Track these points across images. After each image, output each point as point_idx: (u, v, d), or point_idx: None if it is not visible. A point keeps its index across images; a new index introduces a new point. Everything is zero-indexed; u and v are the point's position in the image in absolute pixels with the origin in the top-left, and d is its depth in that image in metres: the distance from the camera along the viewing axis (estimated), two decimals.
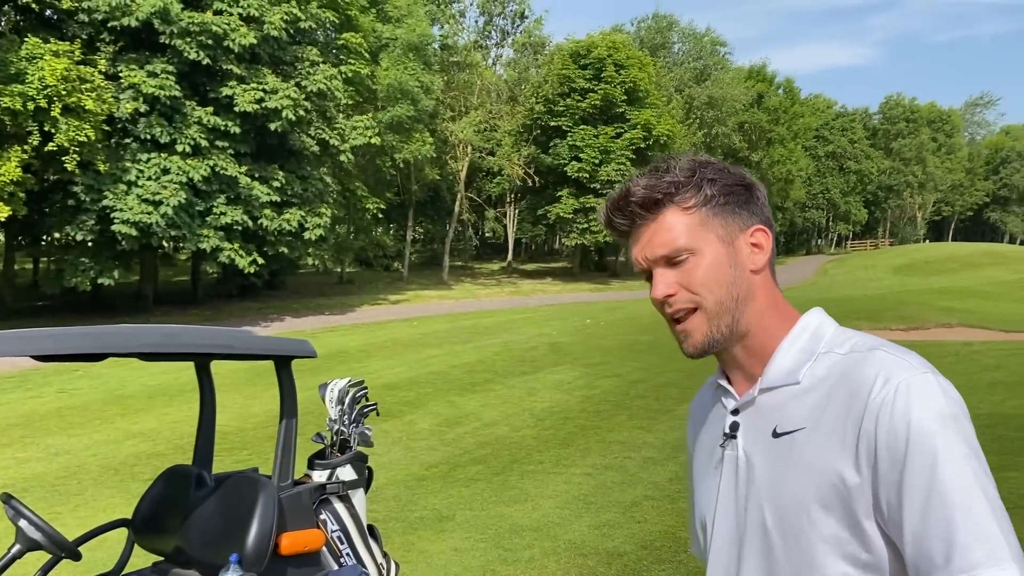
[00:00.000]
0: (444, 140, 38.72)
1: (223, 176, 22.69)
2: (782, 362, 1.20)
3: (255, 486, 3.34)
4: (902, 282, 40.10)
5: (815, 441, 1.11)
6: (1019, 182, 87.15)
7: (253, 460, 8.35)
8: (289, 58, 25.18)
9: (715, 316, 1.19)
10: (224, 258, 23.38)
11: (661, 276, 1.20)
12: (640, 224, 1.22)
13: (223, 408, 11.46)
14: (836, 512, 1.09)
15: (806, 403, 1.15)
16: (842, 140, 72.32)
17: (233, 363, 14.68)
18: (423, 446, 9.24)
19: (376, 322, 23.94)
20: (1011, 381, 10.87)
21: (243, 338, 3.31)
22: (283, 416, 3.49)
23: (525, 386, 12.92)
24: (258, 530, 3.19)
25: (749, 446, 1.21)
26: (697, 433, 1.39)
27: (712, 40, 56.11)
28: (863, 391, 1.07)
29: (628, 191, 1.22)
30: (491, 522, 6.46)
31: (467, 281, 40.51)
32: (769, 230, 1.25)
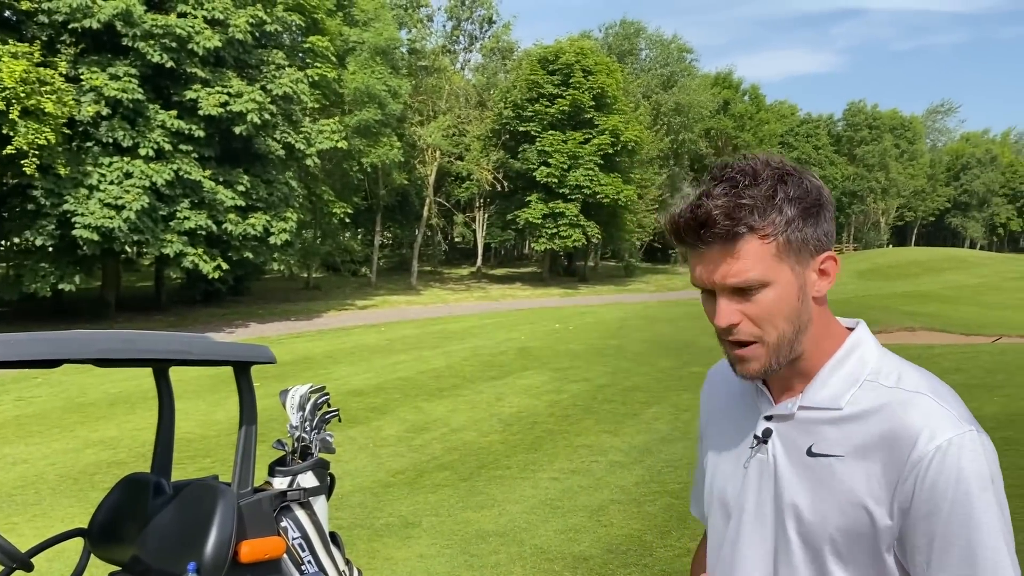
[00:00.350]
0: (412, 144, 38.60)
1: (187, 180, 22.42)
2: (826, 385, 1.20)
3: (214, 494, 3.28)
4: (866, 286, 40.67)
5: (851, 473, 1.14)
6: (979, 188, 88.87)
7: (216, 468, 8.23)
8: (255, 61, 24.96)
9: (776, 348, 1.17)
10: (188, 263, 23.07)
11: (727, 305, 1.16)
12: (714, 248, 1.15)
13: (186, 415, 11.30)
14: (858, 541, 1.13)
15: (845, 431, 1.16)
16: (807, 146, 73.27)
17: (197, 369, 14.49)
18: (390, 452, 9.18)
19: (343, 328, 23.77)
20: (971, 384, 11.05)
21: (200, 344, 3.25)
22: (242, 423, 3.44)
23: (493, 391, 12.89)
24: (217, 538, 3.14)
25: (781, 456, 1.22)
26: (720, 408, 1.40)
27: (679, 47, 56.58)
28: (908, 442, 1.09)
29: (709, 217, 1.12)
30: (457, 528, 6.42)
31: (436, 286, 40.40)
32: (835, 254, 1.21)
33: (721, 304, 1.16)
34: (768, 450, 1.23)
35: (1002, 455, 4.36)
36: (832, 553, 1.15)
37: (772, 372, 1.20)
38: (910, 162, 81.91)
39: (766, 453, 1.24)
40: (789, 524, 1.19)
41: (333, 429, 4.43)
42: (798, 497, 1.18)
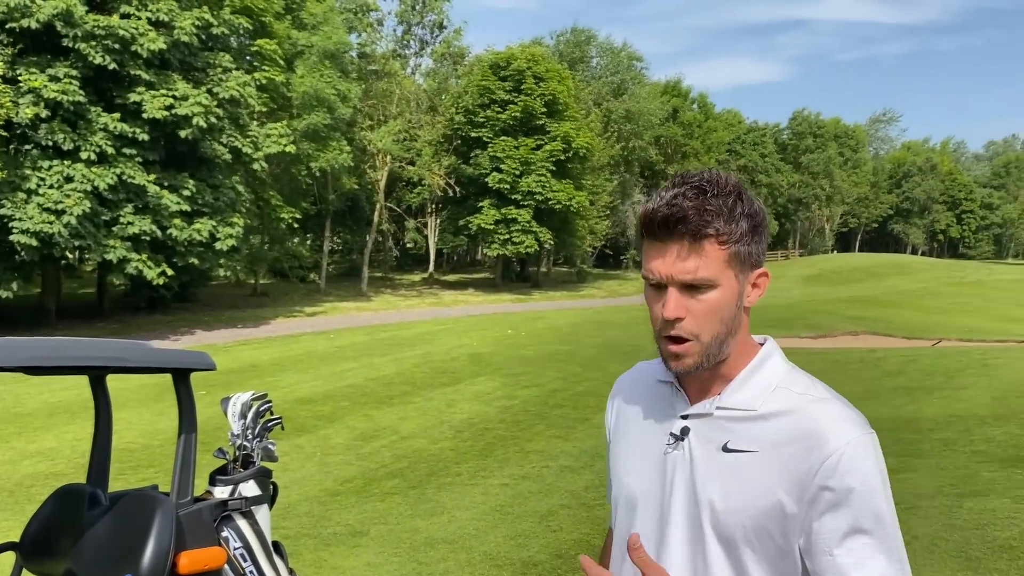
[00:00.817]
0: (362, 149, 38.33)
1: (130, 184, 21.94)
2: (743, 389, 1.31)
3: (151, 504, 3.19)
4: (811, 292, 41.49)
5: (764, 467, 1.23)
6: (920, 196, 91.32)
7: (159, 478, 8.04)
8: (201, 64, 24.55)
9: (708, 347, 1.27)
10: (132, 269, 22.57)
11: (675, 298, 1.25)
12: (677, 243, 1.24)
13: (129, 425, 11.03)
14: (769, 532, 1.23)
15: (760, 429, 1.26)
16: (753, 154, 74.51)
17: (141, 378, 14.15)
18: (338, 461, 9.06)
19: (291, 335, 23.47)
20: (911, 386, 11.31)
21: (137, 350, 3.16)
22: (181, 431, 3.35)
23: (444, 398, 12.83)
24: (154, 549, 3.05)
25: (698, 452, 1.31)
26: (631, 412, 1.47)
27: (629, 55, 57.12)
28: (818, 440, 1.20)
29: (684, 215, 1.22)
30: (406, 536, 6.36)
31: (387, 292, 40.14)
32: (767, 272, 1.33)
33: (671, 297, 1.25)
34: (684, 447, 1.31)
35: (939, 456, 4.49)
36: (745, 544, 1.23)
37: (702, 369, 1.29)
38: (854, 170, 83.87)
39: (682, 450, 1.31)
40: (704, 517, 1.27)
41: (279, 437, 4.35)
42: (713, 491, 1.27)
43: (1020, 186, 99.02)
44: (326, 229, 39.18)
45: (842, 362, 14.63)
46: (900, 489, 6.09)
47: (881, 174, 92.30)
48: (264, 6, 27.91)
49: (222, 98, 24.11)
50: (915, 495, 5.88)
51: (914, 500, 5.76)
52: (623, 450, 1.46)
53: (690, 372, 1.29)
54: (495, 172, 40.30)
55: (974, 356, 13.94)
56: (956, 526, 5.12)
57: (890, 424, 8.77)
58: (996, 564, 4.46)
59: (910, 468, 6.66)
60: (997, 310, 32.67)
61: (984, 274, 53.32)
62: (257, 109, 26.82)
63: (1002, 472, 6.22)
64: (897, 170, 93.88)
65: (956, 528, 5.08)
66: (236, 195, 25.61)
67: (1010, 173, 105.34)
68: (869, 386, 11.72)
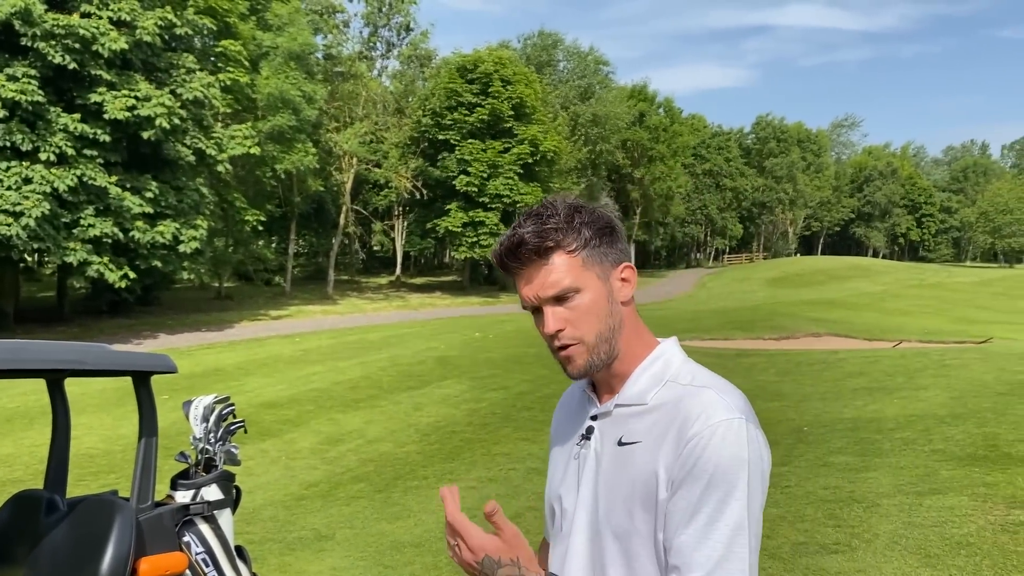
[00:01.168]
0: (328, 151, 38.07)
1: (91, 186, 21.58)
2: (636, 384, 1.37)
3: (111, 509, 3.14)
4: (775, 294, 41.98)
5: (645, 456, 1.29)
6: (881, 199, 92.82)
7: (120, 484, 7.91)
8: (164, 65, 24.23)
9: (595, 346, 1.35)
10: (93, 272, 22.20)
11: (551, 313, 1.35)
12: (531, 266, 1.35)
13: (89, 430, 10.85)
14: (648, 517, 1.27)
15: (647, 421, 1.32)
16: (718, 158, 75.25)
17: (102, 382, 13.93)
18: (303, 465, 8.99)
19: (256, 338, 23.24)
20: (872, 387, 11.47)
21: (96, 353, 3.11)
22: (142, 435, 3.30)
23: (411, 401, 12.78)
24: (113, 555, 3.00)
25: (601, 449, 1.38)
26: (561, 424, 1.55)
27: (596, 59, 57.41)
28: (687, 424, 1.25)
29: (521, 239, 1.33)
30: (372, 540, 6.32)
31: (353, 295, 39.89)
32: (632, 264, 1.41)
33: (547, 314, 1.35)
34: (591, 445, 1.39)
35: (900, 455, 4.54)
36: (635, 535, 1.28)
37: (595, 368, 1.37)
38: (816, 174, 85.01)
39: (588, 448, 1.40)
40: (601, 510, 1.33)
41: (243, 442, 4.30)
42: (609, 484, 1.34)
43: (978, 190, 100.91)
44: (291, 231, 38.86)
45: (805, 363, 14.80)
46: (862, 488, 6.18)
47: (843, 178, 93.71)
48: (228, 7, 27.63)
49: (186, 99, 23.82)
50: (876, 494, 5.97)
51: (875, 499, 5.84)
52: (553, 456, 1.54)
53: (586, 373, 1.37)
54: (463, 175, 40.27)
55: (933, 357, 14.18)
56: (916, 524, 5.20)
57: (852, 424, 8.90)
58: (954, 561, 4.54)
59: (871, 467, 6.76)
60: (956, 312, 33.30)
61: (943, 277, 54.32)
62: (221, 110, 26.55)
63: (960, 470, 6.33)
64: (859, 174, 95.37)
65: (916, 526, 5.17)
66: (200, 197, 25.31)
67: (968, 178, 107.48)
68: (831, 387, 11.88)
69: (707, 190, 74.18)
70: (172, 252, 24.20)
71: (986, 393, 9.83)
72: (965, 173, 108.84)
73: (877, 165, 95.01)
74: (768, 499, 4.60)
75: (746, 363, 15.24)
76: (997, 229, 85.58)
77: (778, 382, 12.71)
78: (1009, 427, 7.61)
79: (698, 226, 75.40)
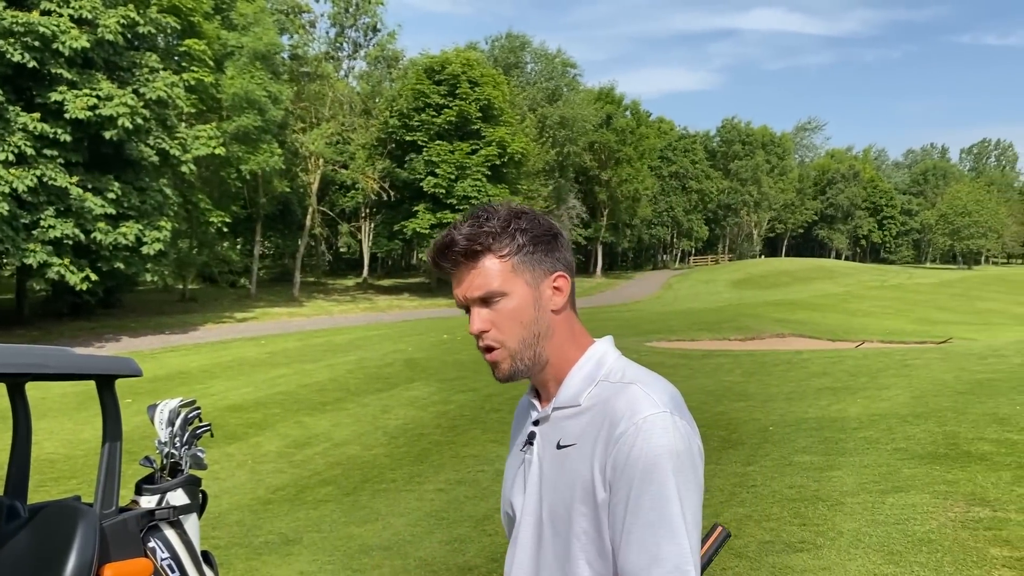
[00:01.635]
0: (294, 152, 37.76)
1: (52, 187, 21.20)
2: (570, 386, 1.39)
3: (73, 515, 3.08)
4: (740, 295, 42.41)
5: (580, 457, 1.31)
6: (843, 202, 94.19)
7: (83, 489, 7.78)
8: (126, 64, 23.88)
9: (518, 351, 1.38)
10: (53, 274, 21.80)
11: (477, 314, 1.38)
12: (462, 268, 1.39)
13: (51, 435, 10.66)
14: (589, 518, 1.29)
15: (580, 422, 1.35)
16: (685, 161, 75.83)
17: (63, 386, 13.68)
18: (270, 469, 8.91)
19: (221, 341, 22.98)
20: (836, 387, 11.61)
21: (58, 356, 3.05)
22: (106, 439, 3.25)
23: (379, 404, 12.71)
24: (76, 562, 2.94)
25: (542, 453, 1.41)
26: (515, 431, 1.56)
27: (563, 61, 57.60)
28: (614, 422, 1.28)
29: (452, 240, 1.37)
30: (340, 543, 6.28)
31: (320, 298, 39.60)
32: (568, 274, 1.43)
33: (473, 314, 1.39)
34: (533, 451, 1.42)
35: (863, 454, 4.60)
36: (575, 538, 1.31)
37: (520, 374, 1.40)
38: (780, 177, 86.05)
39: (532, 454, 1.42)
40: (544, 513, 1.36)
41: (208, 446, 4.25)
42: (552, 488, 1.36)
43: (937, 193, 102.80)
44: (257, 233, 38.48)
45: (770, 363, 14.96)
46: (826, 487, 6.26)
47: (806, 181, 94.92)
48: (193, 5, 27.31)
49: (149, 99, 23.49)
50: (840, 492, 6.05)
51: (839, 497, 5.92)
52: (507, 462, 1.55)
53: (510, 377, 1.39)
54: (430, 176, 40.17)
55: (895, 357, 14.40)
56: (879, 521, 5.28)
57: (816, 423, 9.01)
58: (916, 557, 4.61)
59: (835, 466, 6.85)
60: (916, 313, 33.89)
61: (904, 278, 55.25)
62: (185, 110, 26.22)
63: (922, 468, 6.44)
64: (822, 177, 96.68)
65: (879, 523, 5.24)
66: (164, 198, 24.97)
67: (928, 180, 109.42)
68: (796, 386, 12.01)
69: (673, 192, 74.73)
70: (135, 254, 23.84)
71: (946, 392, 10.01)
72: (925, 176, 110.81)
73: (840, 168, 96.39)
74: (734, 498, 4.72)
75: (712, 364, 15.37)
76: (956, 231, 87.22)
77: (744, 382, 12.83)
78: (969, 426, 7.75)
79: (664, 228, 75.93)
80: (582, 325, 1.46)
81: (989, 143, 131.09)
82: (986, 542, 4.71)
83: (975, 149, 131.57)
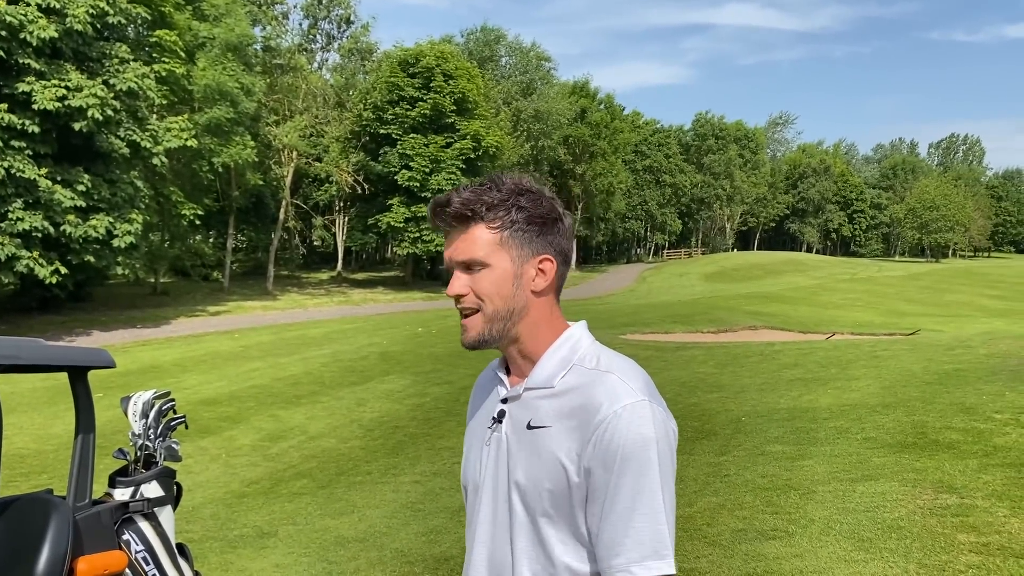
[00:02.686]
0: (267, 145, 37.44)
1: (19, 179, 20.87)
2: (543, 368, 1.41)
3: (46, 508, 3.06)
4: (713, 288, 42.69)
5: (554, 440, 1.34)
6: (814, 196, 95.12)
7: (54, 484, 7.69)
8: (96, 54, 23.54)
9: (490, 321, 1.40)
10: (22, 267, 21.48)
11: (457, 278, 1.41)
12: (453, 230, 1.41)
13: (20, 429, 10.53)
14: (561, 501, 1.32)
15: (554, 405, 1.37)
16: (658, 155, 76.12)
17: (32, 380, 13.51)
18: (244, 462, 8.86)
19: (194, 335, 22.78)
20: (807, 378, 11.75)
21: (29, 348, 3.02)
22: (79, 431, 3.22)
23: (354, 397, 12.68)
24: (49, 555, 2.92)
25: (510, 432, 1.42)
26: (476, 405, 1.58)
27: (538, 55, 57.55)
28: (593, 410, 1.31)
29: (448, 201, 1.39)
30: (315, 536, 6.27)
31: (294, 291, 39.35)
32: (556, 259, 1.43)
33: (453, 278, 1.41)
34: (502, 428, 1.43)
35: (834, 443, 4.67)
36: (543, 515, 1.33)
37: (485, 343, 1.42)
38: (753, 171, 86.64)
39: (500, 431, 1.43)
40: (513, 492, 1.38)
41: (182, 439, 4.22)
42: (519, 466, 1.37)
43: (906, 188, 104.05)
44: (230, 226, 38.14)
45: (742, 355, 15.10)
46: (798, 476, 6.35)
47: (778, 175, 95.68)
48: None
49: (119, 90, 23.19)
50: (811, 481, 6.13)
51: (810, 486, 6.01)
52: (467, 440, 1.56)
53: (476, 345, 1.41)
54: (404, 170, 40.00)
55: (865, 349, 14.60)
56: (849, 509, 5.37)
57: (788, 414, 9.12)
58: (886, 544, 4.69)
59: (807, 455, 6.94)
60: (886, 305, 34.32)
61: (874, 271, 55.90)
62: (157, 102, 25.88)
63: (891, 457, 6.54)
64: (793, 171, 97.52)
65: (849, 511, 5.33)
66: (135, 191, 24.67)
67: (897, 175, 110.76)
68: (767, 378, 12.14)
69: (647, 186, 75.01)
70: (106, 247, 23.54)
71: (915, 383, 10.17)
72: (894, 171, 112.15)
73: (811, 162, 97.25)
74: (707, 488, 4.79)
75: (686, 356, 15.49)
76: (924, 225, 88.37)
77: (717, 374, 12.95)
78: (936, 415, 7.89)
79: (638, 222, 76.19)
80: (561, 312, 1.47)
81: (957, 138, 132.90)
82: (953, 528, 4.80)
83: (943, 144, 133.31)
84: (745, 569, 4.55)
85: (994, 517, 4.91)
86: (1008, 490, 5.37)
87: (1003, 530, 4.69)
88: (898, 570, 4.29)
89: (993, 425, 7.21)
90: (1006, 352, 12.21)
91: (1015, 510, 4.99)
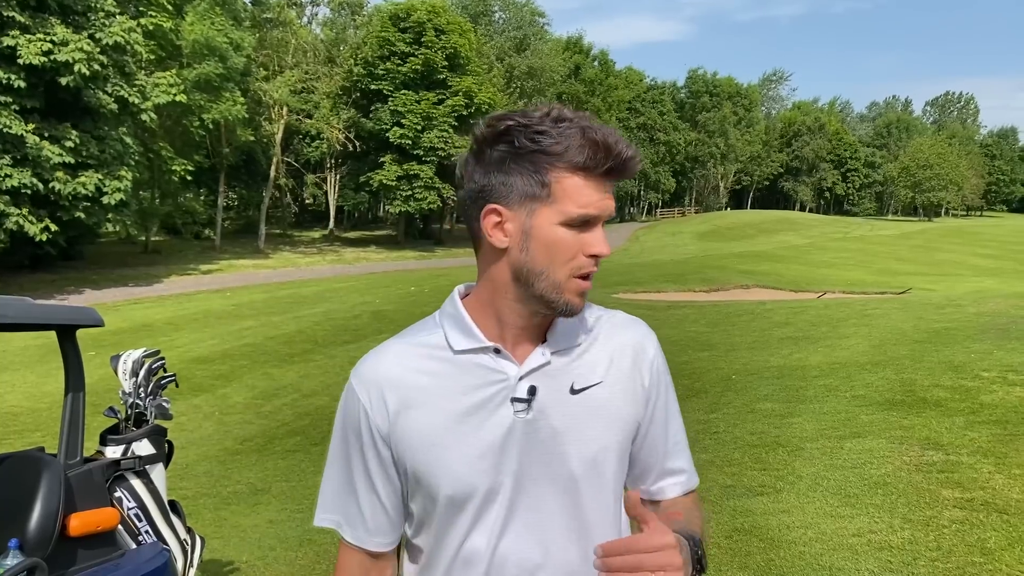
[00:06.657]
0: (258, 101, 37.04)
1: (7, 135, 20.64)
2: (565, 326, 1.29)
3: (37, 465, 3.06)
4: (706, 247, 42.71)
5: (615, 394, 1.28)
6: (808, 154, 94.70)
7: (47, 442, 7.72)
8: (81, 7, 23.12)
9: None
10: (11, 225, 21.34)
11: (604, 235, 1.23)
12: (612, 179, 1.21)
13: (12, 388, 10.54)
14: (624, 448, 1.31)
15: (591, 361, 1.29)
16: (652, 112, 75.56)
17: (24, 338, 13.50)
18: (237, 420, 8.90)
19: (185, 293, 22.75)
20: (798, 336, 11.82)
21: (16, 306, 3.00)
22: (68, 389, 3.22)
23: (347, 355, 12.71)
24: (41, 512, 2.93)
25: (549, 405, 1.23)
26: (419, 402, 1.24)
27: (531, 10, 56.81)
28: (640, 350, 1.34)
29: (634, 155, 1.20)
30: (309, 492, 6.32)
31: (286, 250, 39.23)
32: None
33: (601, 235, 1.23)
34: (535, 406, 1.22)
35: (822, 401, 4.70)
36: (613, 476, 1.28)
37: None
38: (747, 129, 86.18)
39: (535, 409, 1.22)
40: (574, 464, 1.23)
41: (175, 398, 4.23)
42: (573, 433, 1.23)
43: (900, 146, 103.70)
44: (221, 183, 37.88)
45: (734, 314, 15.17)
46: (787, 433, 6.41)
47: (772, 133, 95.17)
48: None
49: (105, 44, 22.83)
50: (800, 438, 6.20)
51: (799, 443, 6.07)
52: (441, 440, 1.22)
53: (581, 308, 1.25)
54: (396, 127, 39.65)
55: (856, 307, 14.67)
56: (837, 465, 5.43)
57: (778, 372, 9.18)
58: (872, 499, 4.76)
59: (796, 413, 7.00)
60: (878, 264, 34.41)
61: (866, 230, 55.94)
62: (145, 57, 25.53)
63: (879, 415, 6.61)
64: (787, 129, 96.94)
65: (837, 467, 5.39)
66: (124, 147, 24.43)
67: (891, 133, 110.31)
68: (759, 336, 12.21)
69: (641, 144, 74.51)
70: (95, 204, 23.39)
71: (904, 341, 10.23)
72: (888, 129, 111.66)
73: (805, 121, 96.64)
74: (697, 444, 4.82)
75: (678, 315, 15.54)
76: (917, 184, 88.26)
77: (708, 332, 13.01)
78: (925, 373, 7.95)
79: (631, 180, 75.88)
80: None
81: (952, 96, 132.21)
82: (938, 484, 4.87)
83: (938, 102, 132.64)
84: (733, 524, 4.61)
85: (979, 473, 4.97)
86: (993, 447, 5.44)
87: (987, 486, 4.76)
88: (883, 525, 4.35)
89: (980, 383, 7.27)
90: (995, 311, 12.29)
91: (999, 466, 5.05)
